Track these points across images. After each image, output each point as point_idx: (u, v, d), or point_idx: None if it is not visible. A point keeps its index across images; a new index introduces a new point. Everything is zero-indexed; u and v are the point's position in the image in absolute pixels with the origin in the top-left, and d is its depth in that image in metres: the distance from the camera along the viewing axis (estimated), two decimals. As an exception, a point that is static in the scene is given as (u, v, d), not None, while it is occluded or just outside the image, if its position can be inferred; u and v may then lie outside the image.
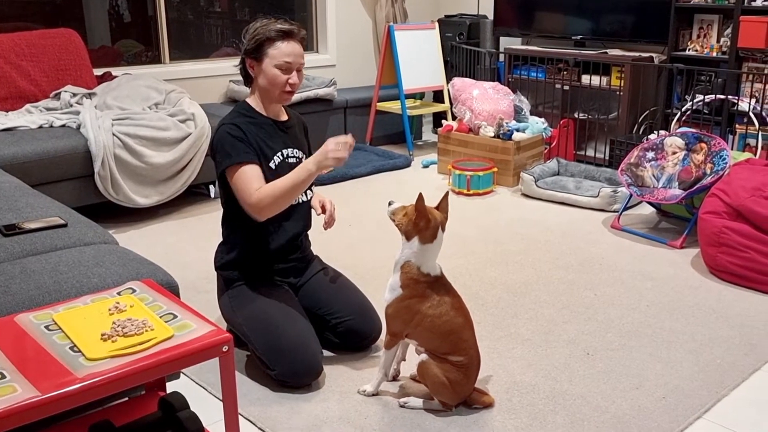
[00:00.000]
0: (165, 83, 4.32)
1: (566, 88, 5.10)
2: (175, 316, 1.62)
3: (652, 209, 4.08)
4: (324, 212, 2.53)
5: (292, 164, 2.42)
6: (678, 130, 3.93)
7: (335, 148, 2.15)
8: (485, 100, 4.69)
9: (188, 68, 5.06)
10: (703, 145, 3.63)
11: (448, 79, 5.33)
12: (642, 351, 2.53)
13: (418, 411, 2.17)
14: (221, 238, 2.50)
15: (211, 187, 4.30)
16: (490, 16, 5.84)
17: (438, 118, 5.92)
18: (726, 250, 3.08)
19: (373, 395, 2.24)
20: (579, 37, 5.27)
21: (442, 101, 5.62)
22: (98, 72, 4.48)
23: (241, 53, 2.35)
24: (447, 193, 2.18)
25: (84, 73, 4.26)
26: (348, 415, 2.14)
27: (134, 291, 1.77)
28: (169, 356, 1.47)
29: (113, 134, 3.63)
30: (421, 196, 2.05)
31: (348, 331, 2.44)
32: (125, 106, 3.99)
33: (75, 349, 1.48)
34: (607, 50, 5.15)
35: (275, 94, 2.35)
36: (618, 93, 4.86)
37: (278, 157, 2.38)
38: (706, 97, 4.48)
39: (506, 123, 4.57)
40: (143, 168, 3.70)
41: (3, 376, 1.38)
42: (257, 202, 2.21)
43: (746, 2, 4.42)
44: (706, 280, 3.15)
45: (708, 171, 3.53)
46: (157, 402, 1.88)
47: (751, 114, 4.36)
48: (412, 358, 2.24)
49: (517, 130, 4.58)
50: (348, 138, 2.18)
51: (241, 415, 2.13)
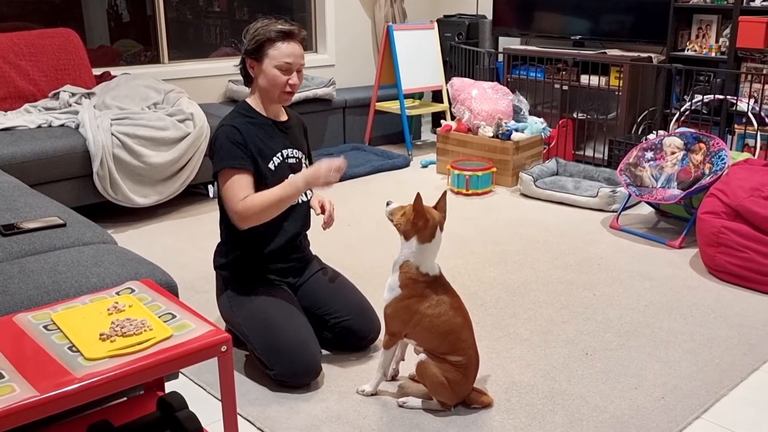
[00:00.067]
0: (164, 83, 4.32)
1: (565, 88, 5.10)
2: (174, 316, 1.62)
3: (650, 209, 4.08)
4: (323, 212, 2.53)
5: (292, 164, 2.42)
6: (677, 130, 3.93)
7: (327, 174, 2.18)
8: (484, 100, 4.69)
9: (187, 68, 5.05)
10: (702, 145, 3.63)
11: (447, 79, 5.32)
12: (641, 351, 2.53)
13: (416, 411, 2.17)
14: (220, 238, 2.50)
15: (210, 186, 4.30)
16: (489, 16, 5.84)
17: (437, 118, 5.92)
18: (725, 250, 3.08)
19: (372, 395, 2.24)
20: (578, 37, 5.27)
21: (441, 101, 5.62)
22: (97, 72, 4.47)
23: (242, 53, 2.35)
24: (445, 193, 2.18)
25: (83, 73, 4.26)
26: (347, 415, 2.14)
27: (133, 291, 1.77)
28: (167, 356, 1.47)
29: (112, 134, 3.63)
30: (419, 196, 2.05)
31: (347, 330, 2.45)
32: (124, 105, 3.99)
33: (74, 349, 1.48)
34: (606, 50, 5.15)
35: (275, 95, 2.35)
36: (617, 93, 4.86)
37: (278, 157, 2.38)
38: (705, 97, 4.49)
39: (505, 123, 4.57)
40: (142, 168, 3.70)
41: (1, 376, 1.38)
42: (242, 212, 2.22)
43: (745, 2, 4.42)
44: (704, 280, 3.15)
45: (707, 171, 3.53)
46: (155, 402, 1.88)
47: (749, 114, 4.36)
48: (411, 357, 2.24)
49: (516, 130, 4.58)
50: (342, 163, 2.20)
51: (240, 415, 2.13)
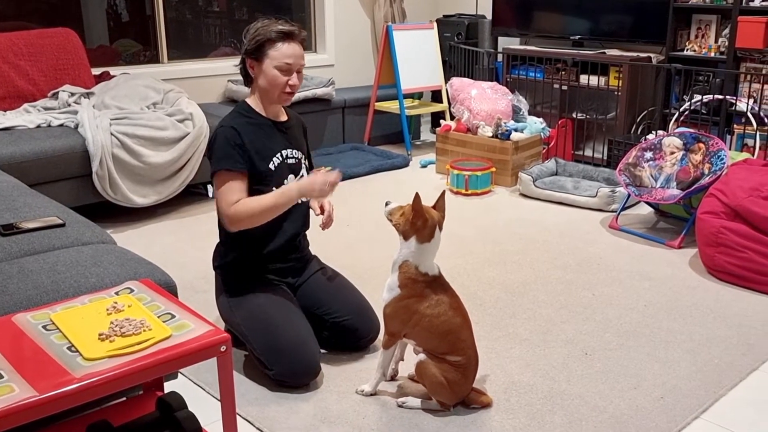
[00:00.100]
0: (163, 83, 4.31)
1: (564, 88, 5.10)
2: (173, 316, 1.62)
3: (650, 209, 4.08)
4: (322, 213, 2.53)
5: (291, 165, 2.42)
6: (676, 130, 3.93)
7: (322, 188, 2.22)
8: (483, 100, 4.69)
9: (186, 68, 5.05)
10: (701, 145, 3.63)
11: (447, 79, 5.32)
12: (640, 351, 2.53)
13: (416, 411, 2.17)
14: (219, 239, 2.50)
15: (209, 186, 4.30)
16: (489, 16, 5.84)
17: (436, 117, 5.92)
18: (724, 250, 3.08)
19: (372, 395, 2.24)
20: (577, 37, 5.27)
21: (440, 101, 5.62)
22: (96, 71, 4.47)
23: (242, 53, 2.35)
24: (443, 192, 2.18)
25: (82, 73, 4.26)
26: (346, 415, 2.14)
27: (132, 291, 1.77)
28: (167, 356, 1.46)
29: (111, 134, 3.63)
30: (417, 196, 2.05)
31: (346, 330, 2.44)
32: (123, 105, 3.98)
33: (73, 349, 1.48)
34: (606, 50, 5.15)
35: (275, 95, 2.35)
36: (616, 93, 4.86)
37: (278, 158, 2.38)
38: (704, 97, 4.49)
39: (504, 123, 4.57)
40: (141, 168, 3.70)
41: (1, 376, 1.38)
42: (233, 215, 2.24)
43: (744, 2, 4.42)
44: (704, 280, 3.15)
45: (706, 171, 3.53)
46: (155, 402, 1.88)
47: (749, 114, 4.36)
48: (410, 357, 2.24)
49: (516, 130, 4.58)
50: (337, 177, 2.24)
51: (239, 415, 2.13)
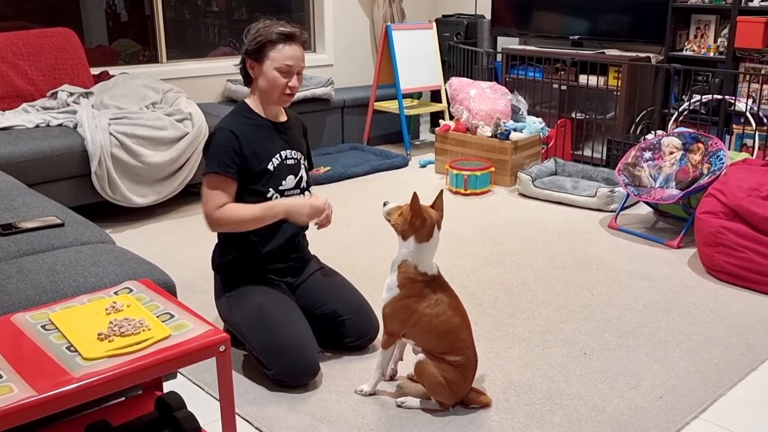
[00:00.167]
0: (162, 83, 4.31)
1: (564, 88, 5.10)
2: (172, 316, 1.62)
3: (649, 209, 4.09)
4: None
5: (290, 165, 2.42)
6: (675, 130, 3.93)
7: (311, 212, 2.29)
8: (483, 100, 4.69)
9: (185, 67, 5.05)
10: (700, 145, 3.64)
11: (446, 79, 5.32)
12: (639, 351, 2.53)
13: (415, 411, 2.17)
14: (217, 239, 2.50)
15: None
16: (488, 16, 5.84)
17: (435, 117, 5.91)
18: (723, 250, 3.08)
19: (371, 395, 2.24)
20: (576, 37, 5.27)
21: (439, 101, 5.62)
22: (95, 71, 4.47)
23: (242, 53, 2.35)
24: (441, 192, 2.18)
25: (81, 73, 4.25)
26: (345, 415, 2.14)
27: (131, 291, 1.77)
28: (166, 356, 1.46)
29: (110, 133, 3.63)
30: (416, 196, 2.05)
31: (345, 330, 2.44)
32: (122, 105, 3.98)
33: (72, 348, 1.48)
34: (605, 50, 5.15)
35: (274, 96, 2.34)
36: (615, 93, 4.87)
37: (276, 158, 2.38)
38: (703, 97, 4.49)
39: (503, 123, 4.57)
40: (140, 167, 3.70)
41: (0, 376, 1.38)
42: (217, 219, 2.29)
43: (743, 2, 4.43)
44: (703, 280, 3.15)
45: (705, 171, 3.53)
46: (154, 402, 1.88)
47: (748, 114, 4.36)
48: (410, 357, 2.24)
49: (515, 129, 4.58)
50: (329, 209, 2.33)
51: (238, 415, 2.13)
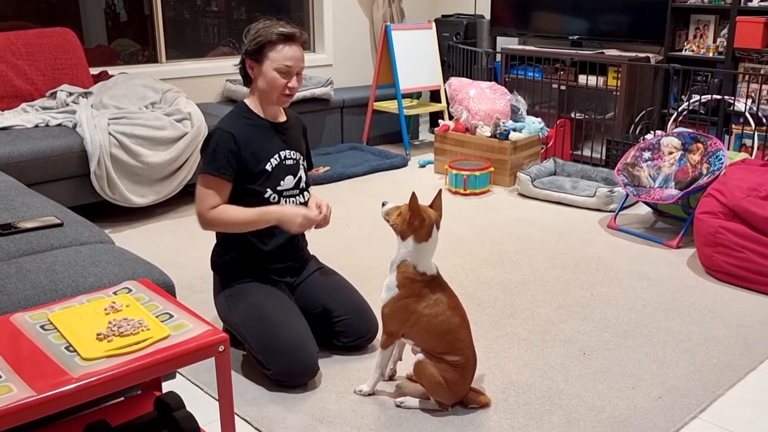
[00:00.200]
0: (161, 82, 4.31)
1: (563, 88, 5.10)
2: (172, 316, 1.62)
3: (648, 209, 4.09)
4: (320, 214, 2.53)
5: (289, 166, 2.42)
6: (674, 130, 3.93)
7: (303, 222, 2.30)
8: (482, 100, 4.69)
9: (185, 67, 5.05)
10: (700, 145, 3.64)
11: (445, 79, 5.32)
12: (638, 351, 2.53)
13: (414, 411, 2.17)
14: (216, 239, 2.50)
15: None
16: (487, 16, 5.84)
17: (435, 117, 5.91)
18: (722, 250, 3.08)
19: (370, 395, 2.24)
20: (576, 37, 5.27)
21: (439, 101, 5.62)
22: (94, 71, 4.47)
23: (242, 53, 2.35)
24: (440, 191, 2.18)
25: (80, 72, 4.25)
26: (344, 415, 2.14)
27: (130, 290, 1.77)
28: (165, 356, 1.46)
29: (109, 133, 3.63)
30: (414, 195, 2.05)
31: (344, 330, 2.44)
32: (121, 105, 3.98)
33: (71, 348, 1.48)
34: (604, 50, 5.15)
35: (274, 97, 2.34)
36: (615, 93, 4.87)
37: (275, 159, 2.38)
38: (703, 97, 4.49)
39: (503, 123, 4.57)
40: (139, 167, 3.69)
41: (-2, 376, 1.38)
42: (209, 219, 2.31)
43: (742, 2, 4.43)
44: (702, 280, 3.15)
45: (704, 171, 3.54)
46: (153, 402, 1.88)
47: (747, 114, 4.37)
48: (409, 357, 2.24)
49: (514, 129, 4.58)
50: (320, 221, 2.34)
51: (237, 415, 2.13)
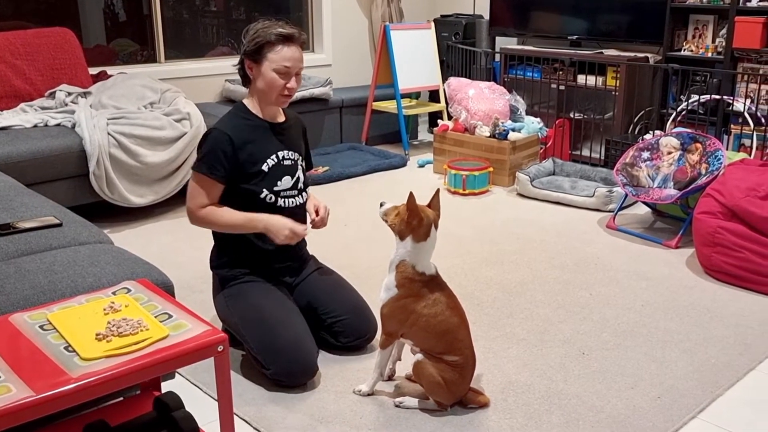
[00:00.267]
0: (160, 82, 4.31)
1: (562, 88, 5.10)
2: (171, 316, 1.62)
3: (647, 209, 4.09)
4: (317, 215, 2.52)
5: (287, 166, 2.42)
6: (673, 130, 3.93)
7: (288, 236, 2.30)
8: (481, 100, 4.69)
9: (184, 67, 5.05)
10: (699, 145, 3.64)
11: (444, 79, 5.32)
12: (637, 351, 2.54)
13: (413, 411, 2.17)
14: (213, 240, 2.50)
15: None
16: (486, 16, 5.84)
17: (434, 117, 5.92)
18: (721, 250, 3.08)
19: (369, 395, 2.24)
20: (575, 37, 5.28)
21: (438, 101, 5.62)
22: (93, 71, 4.47)
23: (241, 54, 2.35)
24: (438, 191, 2.18)
25: (79, 72, 4.25)
26: (343, 415, 2.14)
27: (129, 291, 1.77)
28: (164, 356, 1.46)
29: (108, 133, 3.63)
30: (411, 195, 2.05)
31: (343, 330, 2.44)
32: (120, 105, 3.98)
33: (70, 348, 1.48)
34: (603, 50, 5.15)
35: (272, 98, 2.34)
36: (613, 93, 4.87)
37: (272, 159, 2.38)
38: (702, 97, 4.49)
39: (502, 123, 4.57)
40: (138, 167, 3.69)
41: (-3, 376, 1.38)
42: (198, 217, 2.33)
43: (741, 3, 4.43)
44: (701, 280, 3.15)
45: (703, 171, 3.54)
46: (152, 402, 1.88)
47: (746, 114, 4.37)
48: (408, 357, 2.24)
49: (513, 129, 4.58)
50: (304, 234, 2.35)
51: (237, 415, 2.13)
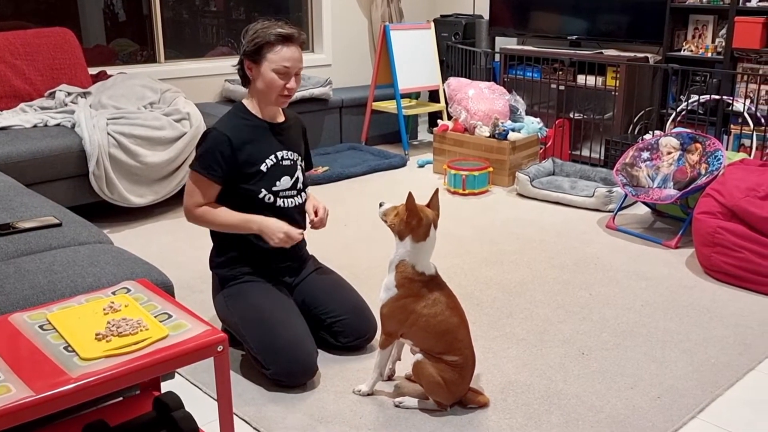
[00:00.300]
0: (160, 82, 4.31)
1: (562, 88, 5.10)
2: (170, 316, 1.62)
3: (647, 209, 4.09)
4: (316, 216, 2.52)
5: (286, 166, 2.42)
6: (673, 131, 3.94)
7: (282, 239, 2.30)
8: (481, 100, 4.69)
9: (183, 67, 5.05)
10: (698, 145, 3.64)
11: (444, 79, 5.33)
12: (637, 351, 2.54)
13: (413, 411, 2.17)
14: (212, 241, 2.50)
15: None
16: (486, 16, 5.84)
17: (434, 117, 5.92)
18: (720, 250, 3.08)
19: (368, 395, 2.24)
20: (574, 37, 5.28)
21: (437, 101, 5.62)
22: (93, 71, 4.46)
23: (240, 54, 2.35)
24: (437, 190, 2.18)
25: (79, 72, 4.25)
26: (343, 415, 2.14)
27: (129, 290, 1.77)
28: (163, 356, 1.46)
29: (108, 133, 3.63)
30: (410, 195, 2.05)
31: (343, 330, 2.44)
32: (120, 105, 3.98)
33: (69, 348, 1.48)
34: (603, 50, 5.16)
35: (272, 98, 2.34)
36: (613, 93, 4.87)
37: (271, 159, 2.38)
38: (701, 97, 4.50)
39: (502, 123, 4.57)
40: (138, 167, 3.69)
41: (-3, 376, 1.38)
42: (194, 216, 2.35)
43: (741, 3, 4.43)
44: (700, 280, 3.15)
45: (703, 171, 3.54)
46: (151, 402, 1.88)
47: (745, 114, 4.37)
48: (407, 357, 2.24)
49: (513, 129, 4.58)
50: (299, 238, 2.34)
51: (236, 415, 2.13)
